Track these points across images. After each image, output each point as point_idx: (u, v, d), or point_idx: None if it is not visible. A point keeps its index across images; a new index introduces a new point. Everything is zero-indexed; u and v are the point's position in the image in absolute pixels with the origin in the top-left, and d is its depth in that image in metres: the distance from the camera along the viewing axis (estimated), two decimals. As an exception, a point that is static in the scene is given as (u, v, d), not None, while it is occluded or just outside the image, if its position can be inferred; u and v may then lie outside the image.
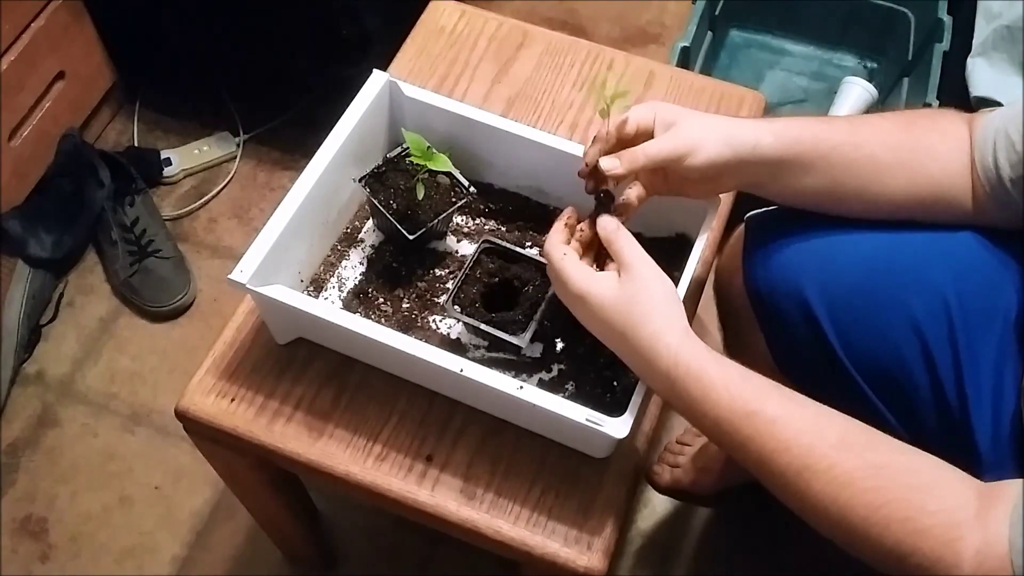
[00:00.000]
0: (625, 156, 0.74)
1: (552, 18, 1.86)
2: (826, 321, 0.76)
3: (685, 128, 0.74)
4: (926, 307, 0.73)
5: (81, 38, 1.52)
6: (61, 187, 1.49)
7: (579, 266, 0.72)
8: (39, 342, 1.47)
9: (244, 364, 0.87)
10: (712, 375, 0.67)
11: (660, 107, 0.77)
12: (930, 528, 0.60)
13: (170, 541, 1.31)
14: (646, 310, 0.69)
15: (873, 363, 0.75)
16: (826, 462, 0.63)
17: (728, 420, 0.66)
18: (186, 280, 1.50)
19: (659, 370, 0.68)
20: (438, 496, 0.81)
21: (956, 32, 1.52)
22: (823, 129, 0.75)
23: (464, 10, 1.12)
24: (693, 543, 1.32)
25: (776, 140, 0.74)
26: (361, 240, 0.93)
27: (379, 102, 0.89)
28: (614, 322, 0.70)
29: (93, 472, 1.36)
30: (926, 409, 0.74)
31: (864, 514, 0.62)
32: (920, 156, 0.75)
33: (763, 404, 0.66)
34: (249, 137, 1.67)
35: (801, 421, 0.65)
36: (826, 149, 0.74)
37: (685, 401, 0.68)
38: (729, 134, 0.74)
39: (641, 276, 0.70)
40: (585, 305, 0.71)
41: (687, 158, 0.73)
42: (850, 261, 0.76)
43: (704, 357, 0.68)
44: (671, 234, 0.90)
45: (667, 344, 0.68)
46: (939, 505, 0.61)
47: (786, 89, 1.73)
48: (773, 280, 0.80)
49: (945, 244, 0.76)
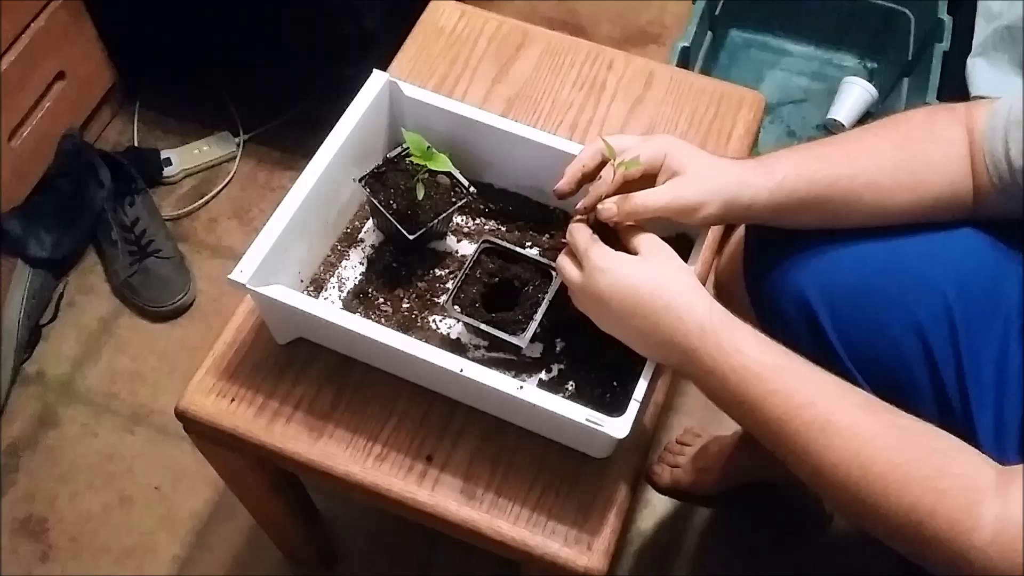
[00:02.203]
0: (624, 208, 0.74)
1: (552, 18, 1.86)
2: (827, 323, 0.76)
3: (690, 184, 0.74)
4: (927, 308, 0.73)
5: (81, 38, 1.52)
6: (61, 187, 1.49)
7: (604, 248, 0.74)
8: (39, 342, 1.47)
9: (244, 364, 0.87)
10: (745, 330, 0.69)
11: (671, 149, 0.76)
12: (949, 489, 0.60)
13: (170, 541, 1.31)
14: (677, 276, 0.71)
15: (875, 364, 0.75)
16: (850, 418, 0.64)
17: (756, 373, 0.67)
18: (186, 280, 1.50)
19: (691, 325, 0.69)
20: (438, 496, 0.81)
21: (956, 32, 1.52)
22: (819, 168, 0.75)
23: (464, 10, 1.12)
24: (693, 543, 1.32)
25: (771, 196, 0.74)
26: (361, 240, 0.93)
27: (379, 102, 0.89)
28: (642, 289, 0.70)
29: (93, 472, 1.36)
30: (928, 409, 0.74)
31: (884, 470, 0.62)
32: (920, 172, 0.74)
33: (792, 361, 0.68)
34: (249, 137, 1.68)
35: (828, 382, 0.67)
36: (823, 189, 0.75)
37: (712, 356, 0.69)
38: (729, 197, 0.74)
39: (669, 255, 0.73)
40: (610, 274, 0.72)
41: (685, 215, 0.74)
42: (851, 263, 0.76)
43: (735, 318, 0.70)
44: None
45: (701, 299, 0.70)
46: (960, 469, 0.61)
47: (786, 89, 1.73)
48: (774, 283, 0.80)
49: (946, 244, 0.75)
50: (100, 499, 1.34)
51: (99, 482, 1.35)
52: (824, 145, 0.77)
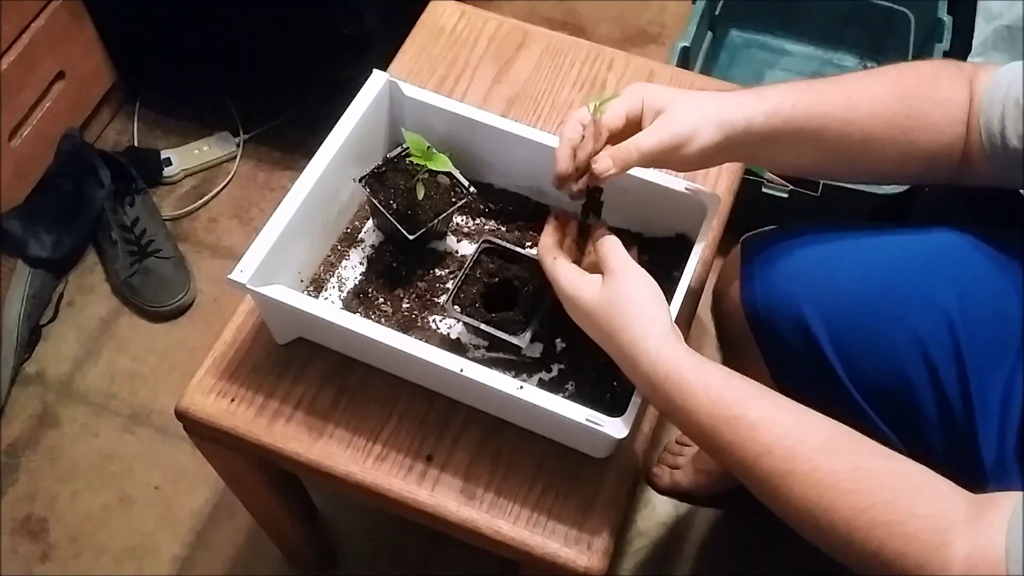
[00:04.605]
0: (618, 156, 0.71)
1: (552, 18, 1.86)
2: (825, 341, 0.75)
3: (676, 116, 0.71)
4: (930, 325, 0.72)
5: (81, 38, 1.52)
6: (61, 187, 1.49)
7: (568, 269, 0.72)
8: (39, 342, 1.47)
9: (244, 364, 0.87)
10: (692, 380, 0.66)
11: (647, 92, 0.73)
12: (916, 532, 0.58)
13: (170, 541, 1.31)
14: (626, 314, 0.68)
15: (875, 382, 0.74)
16: (809, 465, 0.62)
17: (710, 426, 0.65)
18: (186, 280, 1.50)
19: (640, 375, 0.68)
20: (438, 496, 0.81)
21: (956, 32, 1.52)
22: (816, 102, 0.72)
23: (464, 10, 1.12)
24: (693, 543, 1.32)
25: (767, 119, 0.72)
26: (361, 240, 0.93)
27: (379, 102, 0.89)
28: (599, 326, 0.70)
29: (93, 472, 1.36)
30: (930, 426, 0.73)
31: (848, 516, 0.60)
32: (914, 131, 0.72)
33: (744, 408, 0.65)
34: (249, 137, 1.67)
35: (783, 425, 0.64)
36: (818, 125, 0.72)
37: (667, 406, 0.68)
38: (721, 119, 0.71)
39: (623, 280, 0.69)
40: (574, 308, 0.71)
41: (681, 148, 0.71)
42: (849, 280, 0.75)
43: (685, 362, 0.66)
44: (671, 234, 0.90)
45: (646, 350, 0.67)
46: (926, 509, 0.59)
47: (786, 89, 1.72)
48: (770, 300, 0.80)
49: (947, 258, 0.74)
50: (100, 499, 1.34)
51: (99, 482, 1.35)
52: (823, 83, 0.75)
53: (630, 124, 0.73)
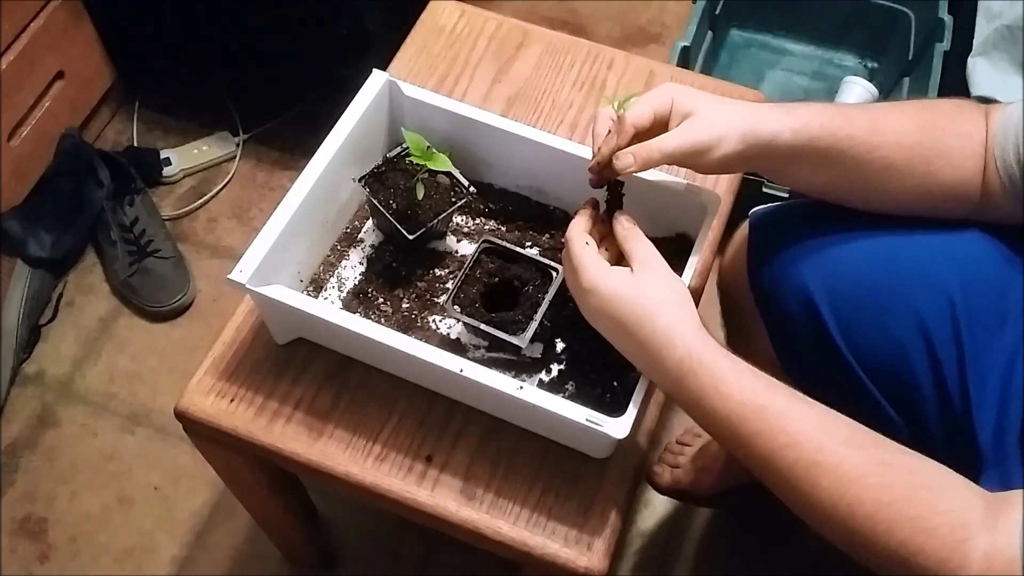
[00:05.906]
0: (640, 154, 0.71)
1: (552, 18, 1.86)
2: (830, 318, 0.75)
3: (703, 122, 0.72)
4: (932, 305, 0.72)
5: (81, 38, 1.52)
6: (61, 187, 1.49)
7: (597, 258, 0.72)
8: (39, 342, 1.47)
9: (244, 364, 0.87)
10: (724, 367, 0.67)
11: (677, 93, 0.73)
12: (937, 528, 0.59)
13: (170, 541, 1.31)
14: (661, 302, 0.69)
15: (876, 360, 0.75)
16: (835, 458, 0.63)
17: (738, 413, 0.66)
18: (186, 280, 1.50)
19: (670, 361, 0.68)
20: (438, 496, 0.81)
21: (956, 32, 1.52)
22: (842, 124, 0.73)
23: (464, 10, 1.12)
24: (693, 543, 1.32)
25: (794, 136, 0.72)
26: (361, 240, 0.93)
27: (379, 102, 0.89)
28: (626, 315, 0.69)
29: (93, 472, 1.36)
30: (928, 406, 0.74)
31: (871, 510, 0.61)
32: (935, 162, 0.73)
33: (774, 399, 0.66)
34: (249, 137, 1.67)
35: (811, 417, 0.65)
36: (842, 148, 0.73)
37: (694, 393, 0.68)
38: (747, 130, 0.72)
39: (657, 272, 0.71)
40: (596, 296, 0.70)
41: (704, 155, 0.71)
42: (855, 259, 0.76)
43: (716, 350, 0.68)
44: (671, 234, 0.90)
45: (681, 334, 0.68)
46: (948, 506, 0.60)
47: (786, 89, 1.73)
48: (777, 277, 0.80)
49: (952, 243, 0.75)
50: (99, 499, 1.34)
51: (98, 482, 1.35)
52: (851, 107, 0.76)
53: (657, 123, 0.74)
